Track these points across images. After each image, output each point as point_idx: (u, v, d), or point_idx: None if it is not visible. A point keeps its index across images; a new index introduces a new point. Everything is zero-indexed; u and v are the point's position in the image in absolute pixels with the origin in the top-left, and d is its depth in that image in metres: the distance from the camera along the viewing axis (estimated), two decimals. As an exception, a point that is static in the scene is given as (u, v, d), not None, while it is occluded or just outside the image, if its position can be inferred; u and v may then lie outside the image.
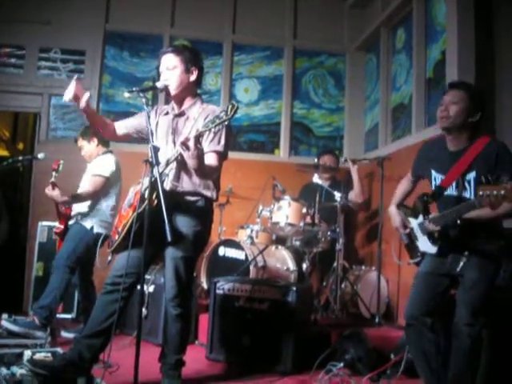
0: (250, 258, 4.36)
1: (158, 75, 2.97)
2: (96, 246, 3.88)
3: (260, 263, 4.39)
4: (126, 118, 3.17)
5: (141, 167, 2.64)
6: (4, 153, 7.35)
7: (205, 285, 4.63)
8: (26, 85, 5.68)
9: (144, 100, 2.69)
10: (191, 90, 2.99)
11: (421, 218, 2.71)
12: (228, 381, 3.28)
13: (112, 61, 5.91)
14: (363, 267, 4.85)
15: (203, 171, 2.75)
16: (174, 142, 2.89)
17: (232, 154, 3.00)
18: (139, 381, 2.40)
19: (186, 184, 2.88)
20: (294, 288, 3.57)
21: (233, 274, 4.19)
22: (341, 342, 3.49)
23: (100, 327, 2.83)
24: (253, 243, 4.60)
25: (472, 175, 2.53)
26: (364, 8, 6.09)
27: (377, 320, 4.20)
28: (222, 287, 3.73)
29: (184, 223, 2.87)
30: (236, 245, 4.56)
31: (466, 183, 2.54)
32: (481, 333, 2.51)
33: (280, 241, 4.80)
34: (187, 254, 2.88)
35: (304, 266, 4.54)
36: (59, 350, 3.15)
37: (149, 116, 2.70)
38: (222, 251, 4.65)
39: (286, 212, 4.51)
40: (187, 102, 2.99)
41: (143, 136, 3.04)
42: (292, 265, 4.55)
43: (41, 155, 4.16)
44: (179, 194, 2.88)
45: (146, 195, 2.55)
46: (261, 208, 4.72)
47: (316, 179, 4.80)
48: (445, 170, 2.63)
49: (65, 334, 4.12)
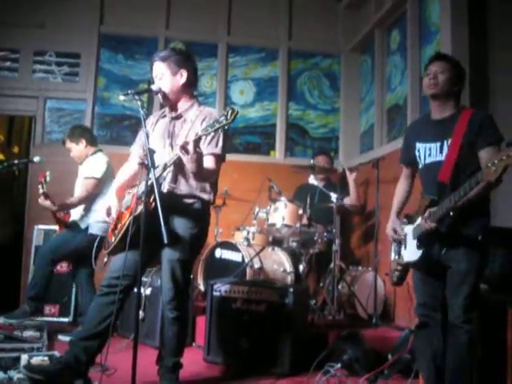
0: (247, 260, 4.35)
1: (152, 78, 2.98)
2: (90, 248, 3.91)
3: (256, 265, 4.39)
4: (134, 146, 3.16)
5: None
6: (-1, 156, 7.33)
7: (202, 287, 4.63)
8: (21, 88, 5.66)
9: (139, 103, 2.68)
10: (185, 92, 2.99)
11: (418, 220, 2.64)
12: (225, 383, 3.29)
13: (107, 63, 5.90)
14: (360, 268, 4.86)
15: (202, 174, 2.76)
16: (172, 145, 2.89)
17: (228, 156, 2.99)
18: (137, 384, 2.40)
19: (183, 186, 2.89)
20: (291, 289, 3.57)
21: (229, 276, 4.19)
22: (338, 343, 3.50)
23: (96, 329, 2.83)
24: (249, 245, 4.60)
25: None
26: (358, 9, 6.10)
27: (374, 320, 4.20)
28: (219, 289, 3.73)
29: (181, 225, 2.87)
30: (232, 247, 4.56)
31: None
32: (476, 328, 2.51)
33: (276, 242, 4.80)
34: (184, 257, 2.88)
35: (301, 268, 4.54)
36: (56, 354, 3.15)
37: (144, 118, 2.70)
38: (219, 253, 4.65)
39: (283, 213, 4.52)
40: (183, 105, 2.99)
41: None
42: (289, 266, 4.55)
43: (36, 158, 4.16)
44: (176, 197, 2.88)
45: (143, 198, 2.55)
46: (257, 210, 4.72)
47: (312, 180, 4.81)
48: (430, 139, 2.67)
49: (62, 338, 4.11)
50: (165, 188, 2.84)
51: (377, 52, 5.69)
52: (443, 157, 2.60)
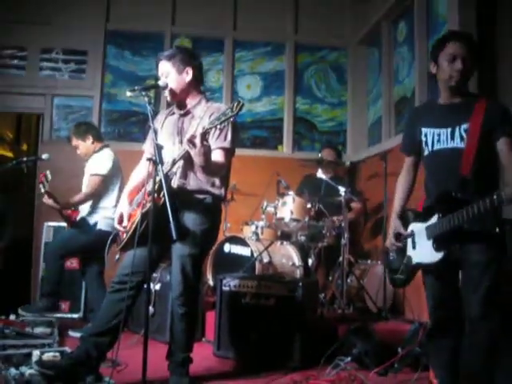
0: (256, 255, 4.36)
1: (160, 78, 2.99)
2: (98, 244, 3.92)
3: (265, 259, 4.40)
4: (145, 144, 3.16)
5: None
6: (8, 154, 7.37)
7: (211, 282, 4.64)
8: (29, 86, 5.69)
9: (146, 99, 2.68)
10: (192, 89, 2.99)
11: (434, 219, 2.39)
12: (236, 377, 3.29)
13: (113, 60, 5.91)
14: (369, 261, 4.85)
15: (210, 168, 2.75)
16: (181, 142, 2.89)
17: (236, 151, 2.99)
18: (147, 379, 2.40)
19: (193, 182, 2.89)
20: (300, 283, 3.57)
21: (238, 271, 4.20)
22: (348, 337, 3.50)
23: (107, 326, 2.85)
24: (258, 239, 4.61)
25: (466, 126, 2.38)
26: (365, 2, 6.06)
27: (383, 314, 4.20)
28: (228, 284, 3.73)
29: (191, 221, 2.88)
30: (241, 241, 4.57)
31: (464, 132, 2.38)
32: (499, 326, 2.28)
33: (285, 236, 4.80)
34: (194, 252, 2.89)
35: (309, 262, 4.55)
36: (67, 350, 3.17)
37: (151, 114, 2.70)
38: (228, 248, 4.65)
39: (291, 207, 4.52)
40: (191, 101, 3.00)
41: None
42: (297, 260, 4.55)
43: (45, 156, 4.18)
44: (187, 192, 2.89)
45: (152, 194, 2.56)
46: (265, 204, 4.73)
47: (320, 174, 4.80)
48: (439, 124, 2.46)
49: (72, 334, 4.13)
50: (175, 183, 2.85)
51: (384, 44, 5.65)
52: (455, 144, 2.40)
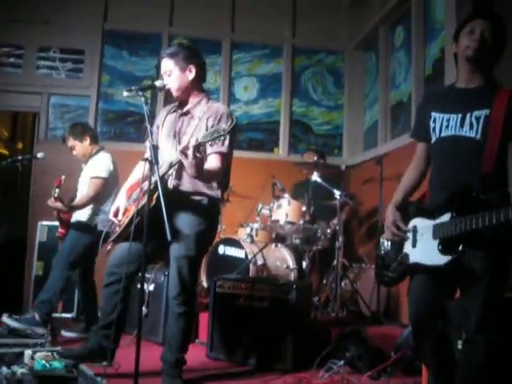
0: (250, 257, 4.36)
1: (158, 74, 2.99)
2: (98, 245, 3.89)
3: (260, 261, 4.40)
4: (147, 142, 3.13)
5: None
6: (3, 152, 7.35)
7: (205, 283, 4.63)
8: (25, 84, 5.67)
9: (143, 99, 2.69)
10: (194, 88, 3.00)
11: (445, 217, 2.15)
12: (229, 379, 3.28)
13: (111, 60, 5.90)
14: (363, 265, 4.84)
15: (203, 177, 2.76)
16: (179, 142, 2.88)
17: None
18: (140, 380, 2.40)
19: (188, 183, 2.88)
20: (294, 286, 3.57)
21: (233, 273, 4.19)
22: (341, 340, 3.50)
23: (109, 319, 2.96)
24: (252, 241, 4.61)
25: (485, 112, 2.18)
26: (362, 6, 6.08)
27: (377, 318, 4.20)
28: (222, 286, 3.73)
29: (187, 222, 2.88)
30: (236, 243, 4.56)
31: (474, 120, 2.20)
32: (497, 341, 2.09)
33: (280, 239, 4.81)
34: (190, 254, 2.89)
35: (304, 264, 4.55)
36: (59, 350, 3.16)
37: (147, 115, 2.69)
38: (222, 250, 4.65)
39: (286, 210, 4.53)
40: (192, 100, 3.00)
41: None
42: (292, 263, 4.55)
43: (40, 154, 4.16)
44: (182, 193, 2.89)
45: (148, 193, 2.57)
46: (260, 206, 4.73)
47: (315, 177, 4.80)
48: (449, 109, 2.26)
49: (65, 334, 4.12)
50: (171, 184, 2.85)
51: (381, 49, 5.67)
52: (463, 132, 2.20)
